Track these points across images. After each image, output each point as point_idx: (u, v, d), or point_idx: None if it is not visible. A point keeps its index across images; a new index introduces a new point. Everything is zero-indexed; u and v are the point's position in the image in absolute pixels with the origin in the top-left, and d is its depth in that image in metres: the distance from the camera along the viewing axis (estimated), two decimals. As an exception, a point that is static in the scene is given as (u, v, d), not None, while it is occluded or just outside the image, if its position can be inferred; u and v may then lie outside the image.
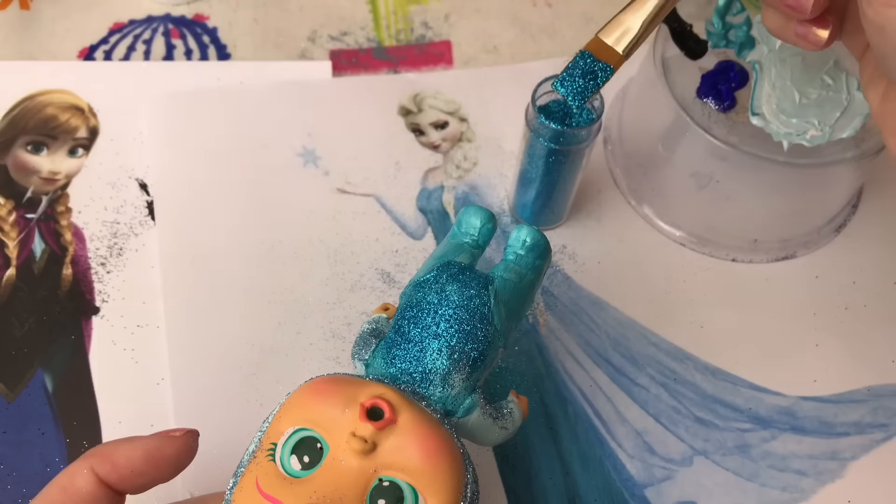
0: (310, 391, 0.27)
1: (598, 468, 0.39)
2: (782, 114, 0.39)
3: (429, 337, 0.29)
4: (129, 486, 0.28)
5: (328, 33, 0.53)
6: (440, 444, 0.26)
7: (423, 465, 0.25)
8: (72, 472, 0.27)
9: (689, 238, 0.45)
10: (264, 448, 0.27)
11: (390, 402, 0.26)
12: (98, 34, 0.52)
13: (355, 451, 0.25)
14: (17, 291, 0.42)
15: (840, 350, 0.43)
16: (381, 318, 0.33)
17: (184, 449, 0.29)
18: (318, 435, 0.26)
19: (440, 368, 0.29)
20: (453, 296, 0.30)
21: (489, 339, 0.30)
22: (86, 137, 0.47)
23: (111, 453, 0.27)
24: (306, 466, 0.25)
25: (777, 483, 0.39)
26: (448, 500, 0.26)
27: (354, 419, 0.25)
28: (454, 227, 0.34)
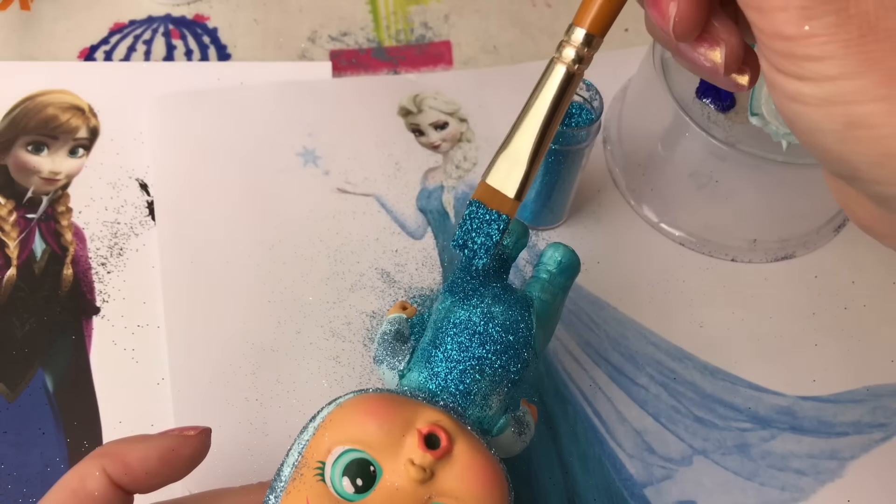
0: (361, 409, 0.27)
1: (597, 467, 0.39)
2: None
3: (471, 358, 0.29)
4: (141, 487, 0.27)
5: (328, 34, 0.53)
6: (494, 474, 0.26)
7: (478, 495, 0.26)
8: (82, 473, 0.26)
9: (688, 238, 0.46)
10: (310, 465, 0.26)
11: (447, 431, 0.26)
12: (98, 34, 0.53)
13: (414, 479, 0.25)
14: (17, 291, 0.42)
15: (839, 350, 0.43)
16: (400, 318, 0.32)
17: (199, 448, 0.28)
18: (371, 458, 0.26)
19: (481, 390, 0.29)
20: (499, 318, 0.30)
21: (528, 362, 0.30)
22: (86, 138, 0.48)
23: (124, 454, 0.27)
24: (359, 490, 0.25)
25: (776, 482, 0.39)
26: None
27: (412, 447, 0.25)
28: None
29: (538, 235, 0.46)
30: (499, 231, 0.29)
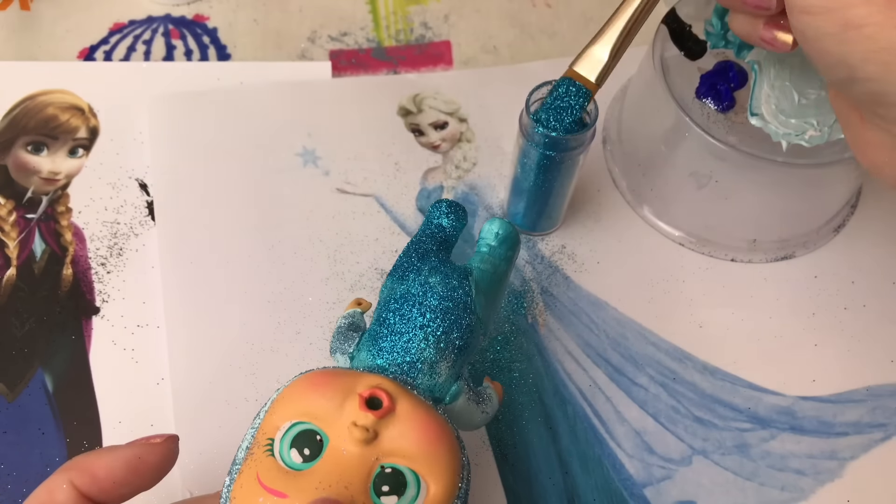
0: (304, 384, 0.27)
1: (597, 468, 0.39)
2: (781, 114, 0.39)
3: (415, 328, 0.30)
4: (111, 498, 0.27)
5: (328, 34, 0.53)
6: (439, 430, 0.27)
7: (424, 451, 0.26)
8: (50, 487, 0.26)
9: (688, 238, 0.46)
10: (261, 444, 0.27)
11: (388, 392, 0.26)
12: (98, 35, 0.53)
13: (357, 440, 0.25)
14: (17, 291, 0.42)
15: (839, 350, 0.43)
16: (356, 312, 0.33)
17: (166, 455, 0.28)
18: (317, 427, 0.26)
19: (427, 358, 0.30)
20: (437, 287, 0.31)
21: (472, 328, 0.31)
22: (86, 138, 0.48)
23: (90, 465, 0.27)
24: (307, 459, 0.26)
25: (776, 482, 0.39)
26: (448, 482, 0.26)
27: (354, 410, 0.26)
28: (424, 222, 0.35)
29: (534, 239, 0.46)
30: (581, 107, 0.35)
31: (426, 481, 0.26)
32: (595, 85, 0.35)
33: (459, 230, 0.35)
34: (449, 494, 0.26)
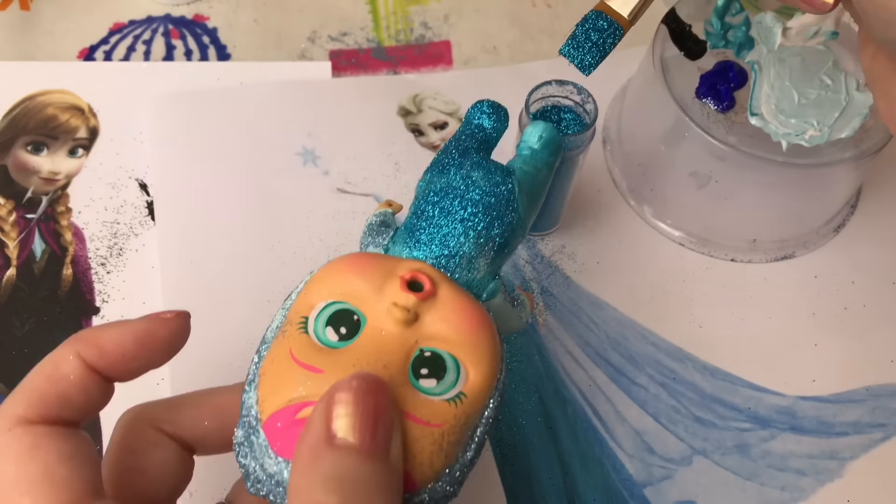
0: (342, 265, 0.26)
1: (597, 468, 0.39)
2: (781, 114, 0.39)
3: (455, 221, 0.28)
4: (119, 372, 0.26)
5: (328, 34, 0.53)
6: (480, 317, 0.26)
7: (464, 337, 0.25)
8: (56, 358, 0.25)
9: (688, 238, 0.46)
10: (293, 322, 0.26)
11: (430, 276, 0.26)
12: (98, 35, 0.53)
13: (397, 320, 0.24)
14: (17, 292, 0.42)
15: (839, 350, 0.43)
16: (387, 211, 0.32)
17: (176, 331, 0.27)
18: (355, 308, 0.25)
19: (466, 252, 0.28)
20: (480, 182, 0.29)
21: (513, 226, 0.29)
22: (86, 138, 0.48)
23: (98, 337, 0.25)
24: (343, 338, 0.25)
25: (776, 482, 0.39)
26: (488, 371, 0.25)
27: (395, 291, 0.25)
28: (461, 126, 0.33)
29: (534, 239, 0.46)
30: (612, 43, 0.31)
31: (466, 367, 0.25)
32: (628, 21, 0.32)
33: (501, 132, 0.33)
34: (488, 383, 0.25)
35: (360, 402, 0.22)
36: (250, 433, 0.24)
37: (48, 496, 0.22)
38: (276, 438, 0.23)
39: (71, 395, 0.24)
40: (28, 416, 0.23)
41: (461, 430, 0.24)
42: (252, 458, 0.24)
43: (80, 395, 0.25)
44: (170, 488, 0.27)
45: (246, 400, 0.25)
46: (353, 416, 0.21)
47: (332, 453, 0.21)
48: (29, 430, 0.23)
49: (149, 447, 0.27)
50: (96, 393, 0.25)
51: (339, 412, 0.21)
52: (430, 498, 0.24)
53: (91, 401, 0.25)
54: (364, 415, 0.21)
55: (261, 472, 0.24)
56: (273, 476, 0.24)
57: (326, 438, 0.21)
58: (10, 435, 0.23)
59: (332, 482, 0.20)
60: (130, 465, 0.26)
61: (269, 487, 0.24)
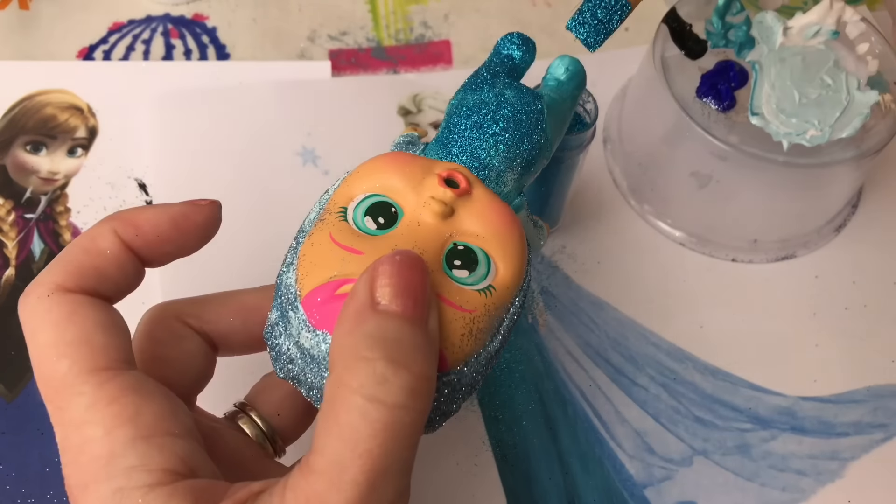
0: (382, 161, 0.27)
1: (597, 468, 0.39)
2: (782, 113, 0.39)
3: (486, 135, 0.29)
4: (154, 254, 0.26)
5: (327, 33, 0.53)
6: (511, 218, 0.27)
7: (496, 234, 0.26)
8: (93, 233, 0.25)
9: (688, 238, 0.45)
10: (332, 211, 0.27)
11: (465, 175, 0.27)
12: (97, 34, 0.52)
13: (434, 212, 0.26)
14: (16, 291, 0.42)
15: (840, 350, 0.43)
16: (412, 134, 0.33)
17: (211, 217, 0.27)
18: (393, 201, 0.27)
19: (496, 166, 0.29)
20: (512, 99, 0.30)
21: (540, 146, 0.30)
22: (85, 137, 0.47)
23: (135, 217, 0.26)
24: (381, 227, 0.26)
25: (777, 483, 0.39)
26: (516, 268, 0.27)
27: (433, 186, 0.26)
28: (490, 56, 0.34)
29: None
30: (619, 20, 0.32)
31: (496, 263, 0.26)
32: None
33: (528, 64, 0.34)
34: (516, 279, 0.27)
35: (402, 273, 0.23)
36: (287, 310, 0.25)
37: (86, 360, 0.23)
38: (314, 312, 0.24)
39: (106, 270, 0.25)
40: (66, 285, 0.24)
41: (489, 319, 0.26)
42: (286, 336, 0.25)
43: (115, 270, 0.25)
44: (192, 381, 0.28)
45: (283, 280, 0.26)
46: (395, 286, 0.22)
47: (376, 317, 0.22)
48: (67, 297, 0.24)
49: (174, 338, 0.28)
50: (130, 271, 0.26)
51: (383, 282, 0.23)
52: (458, 380, 0.25)
53: (125, 279, 0.26)
54: (406, 285, 0.23)
55: (294, 350, 0.25)
56: (308, 351, 0.25)
57: (371, 304, 0.22)
58: (50, 300, 0.23)
59: (377, 340, 0.21)
60: (156, 354, 0.27)
61: (302, 365, 0.25)
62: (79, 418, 0.22)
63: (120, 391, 0.23)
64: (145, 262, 0.26)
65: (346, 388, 0.21)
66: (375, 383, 0.21)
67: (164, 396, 0.24)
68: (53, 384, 0.23)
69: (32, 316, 0.23)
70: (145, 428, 0.22)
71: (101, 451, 0.22)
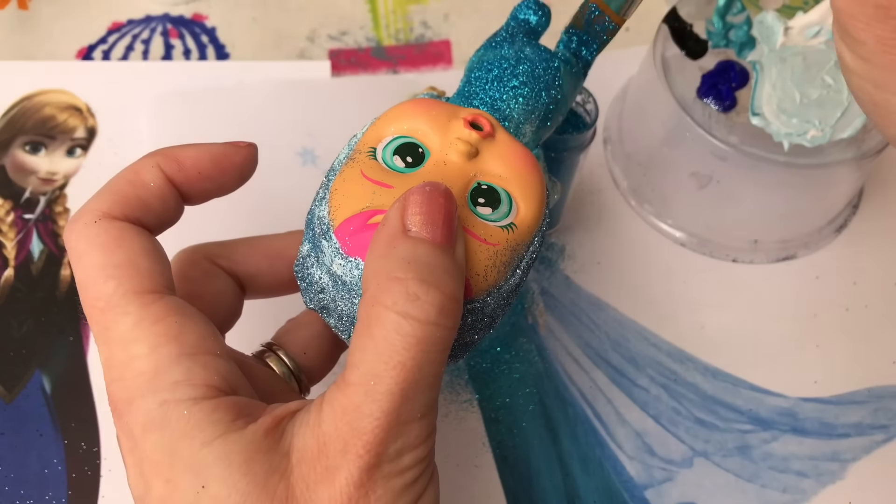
0: (409, 105, 0.29)
1: (597, 469, 0.39)
2: (783, 114, 0.39)
3: (507, 88, 0.30)
4: (194, 190, 0.27)
5: (327, 33, 0.53)
6: (532, 161, 0.28)
7: (518, 175, 0.27)
8: (137, 167, 0.26)
9: (689, 238, 0.45)
10: (362, 151, 0.28)
11: (489, 120, 0.28)
12: (96, 34, 0.52)
13: (460, 152, 0.27)
14: (15, 292, 0.42)
15: (841, 351, 0.42)
16: (433, 93, 0.34)
17: (249, 158, 0.29)
18: (421, 143, 0.28)
19: (516, 118, 0.30)
20: (531, 55, 0.31)
21: (557, 101, 0.31)
22: (84, 137, 0.47)
23: (178, 153, 0.27)
24: (409, 166, 0.27)
25: (778, 484, 0.39)
26: (536, 208, 0.28)
27: (458, 128, 0.27)
28: (507, 20, 0.35)
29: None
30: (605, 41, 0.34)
31: (517, 202, 0.27)
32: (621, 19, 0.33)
33: (545, 28, 0.35)
34: (535, 219, 0.28)
35: (432, 202, 0.24)
36: (320, 240, 0.26)
37: (132, 282, 0.24)
38: (347, 240, 0.25)
39: (150, 201, 0.26)
40: (112, 212, 0.25)
41: (511, 253, 0.27)
42: (318, 265, 0.27)
43: (158, 202, 0.26)
44: (223, 318, 0.30)
45: (315, 213, 0.27)
46: (426, 214, 0.24)
47: (407, 241, 0.23)
48: (114, 223, 0.25)
49: (204, 276, 0.29)
50: (172, 204, 0.27)
51: (413, 210, 0.24)
52: (481, 308, 0.26)
53: (167, 211, 0.27)
54: (435, 213, 0.24)
55: (326, 278, 0.26)
56: (340, 277, 0.26)
57: (402, 230, 0.23)
58: (97, 226, 0.24)
59: (409, 262, 0.22)
60: (187, 290, 0.28)
61: (333, 293, 0.26)
62: (125, 336, 0.23)
63: (164, 312, 0.24)
64: (185, 199, 0.28)
65: (381, 305, 0.22)
66: (408, 300, 0.22)
67: (205, 321, 0.25)
68: (100, 304, 0.24)
69: (80, 240, 0.24)
70: (189, 346, 0.23)
71: (146, 366, 0.23)
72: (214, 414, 0.23)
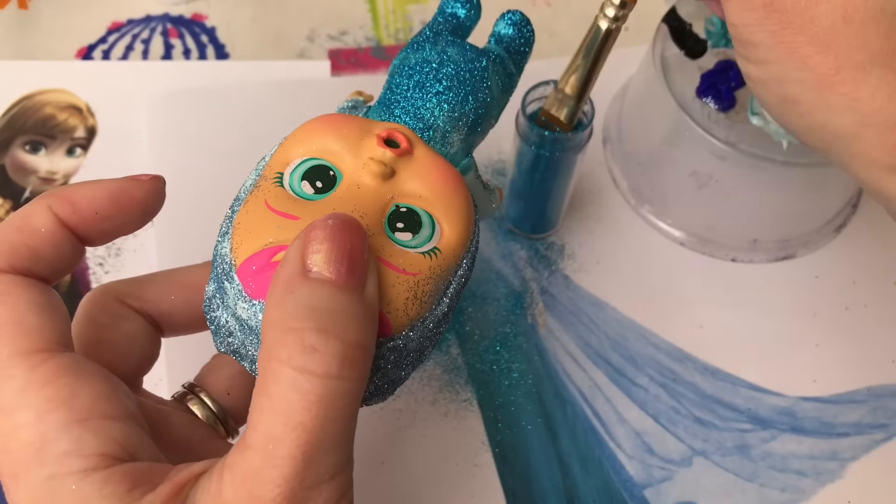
0: (319, 123, 0.26)
1: (597, 469, 0.39)
2: (782, 113, 0.39)
3: (430, 95, 0.28)
4: (93, 232, 0.25)
5: (327, 32, 0.53)
6: (455, 178, 0.26)
7: (439, 194, 0.26)
8: (27, 211, 0.24)
9: (688, 238, 0.45)
10: (268, 177, 0.26)
11: (406, 135, 0.26)
12: (96, 34, 0.52)
13: (374, 173, 0.25)
14: (14, 292, 0.42)
15: (840, 350, 0.42)
16: (358, 99, 0.32)
17: (153, 193, 0.26)
18: (331, 164, 0.26)
19: (441, 126, 0.28)
20: (455, 57, 0.29)
21: (486, 104, 0.30)
22: (84, 137, 0.47)
23: (71, 194, 0.24)
24: (319, 191, 0.25)
25: (777, 483, 0.39)
26: (462, 229, 0.26)
27: (371, 147, 0.25)
28: (434, 15, 0.33)
29: (533, 240, 0.45)
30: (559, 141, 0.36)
31: (440, 224, 0.25)
32: (568, 126, 0.37)
33: (474, 22, 0.33)
34: (462, 240, 0.26)
35: (336, 237, 0.22)
36: (223, 280, 0.24)
37: (16, 342, 0.22)
38: (250, 281, 0.23)
39: (41, 249, 0.24)
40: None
41: (435, 281, 0.25)
42: (224, 307, 0.24)
43: (50, 249, 0.24)
44: (136, 363, 0.27)
45: (219, 251, 0.25)
46: (328, 252, 0.21)
47: (307, 285, 0.21)
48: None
49: (114, 319, 0.27)
50: (68, 250, 0.24)
51: (315, 248, 0.21)
52: (404, 345, 0.24)
53: (62, 258, 0.24)
54: (340, 250, 0.21)
55: (233, 322, 0.24)
56: (246, 322, 0.24)
57: (301, 272, 0.21)
58: None
59: (308, 310, 0.20)
60: (96, 336, 0.26)
61: (241, 337, 0.24)
62: (10, 403, 0.21)
63: (54, 373, 0.21)
64: (84, 241, 0.25)
65: (276, 360, 0.20)
66: (304, 353, 0.20)
67: (103, 378, 0.23)
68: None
69: None
70: (80, 411, 0.21)
71: (32, 436, 0.21)
72: (106, 487, 0.20)
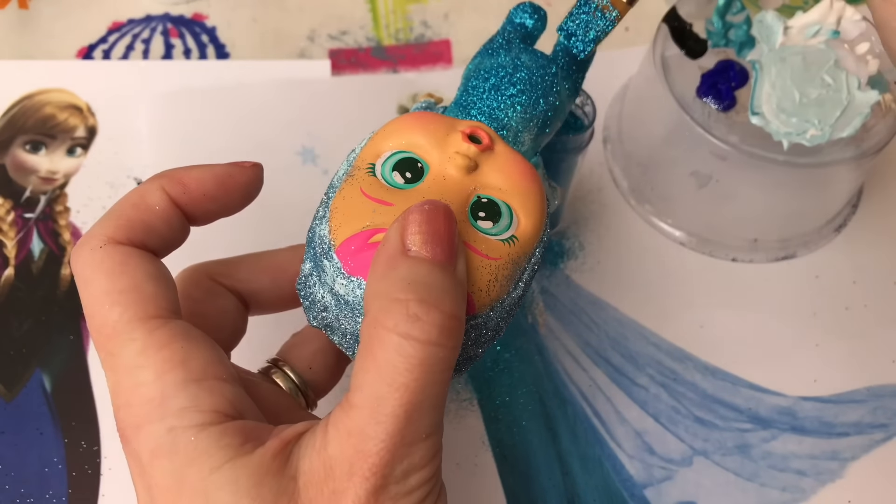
0: (407, 120, 0.28)
1: (597, 468, 0.39)
2: (782, 113, 0.39)
3: (504, 97, 0.30)
4: (199, 211, 0.27)
5: (327, 32, 0.53)
6: (532, 172, 0.28)
7: (518, 188, 0.27)
8: (142, 190, 0.26)
9: (688, 238, 0.45)
10: (361, 167, 0.28)
11: (487, 132, 0.28)
12: (97, 33, 0.52)
13: (459, 166, 0.27)
14: (15, 291, 0.42)
15: (840, 350, 0.42)
16: (430, 100, 0.34)
17: (254, 178, 0.28)
18: (419, 157, 0.28)
19: (514, 126, 0.30)
20: (528, 62, 0.31)
21: (555, 108, 0.31)
22: (84, 137, 0.47)
23: (182, 175, 0.27)
24: (409, 181, 0.27)
25: (777, 483, 0.39)
26: (537, 220, 0.28)
27: (457, 141, 0.27)
28: (504, 24, 0.35)
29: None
30: (608, 25, 0.33)
31: (518, 215, 0.27)
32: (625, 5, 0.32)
33: (541, 31, 0.35)
34: (536, 230, 0.28)
35: (431, 221, 0.24)
36: (321, 260, 0.26)
37: (137, 307, 0.24)
38: (349, 260, 0.25)
39: (155, 225, 0.26)
40: (116, 237, 0.25)
41: (513, 267, 0.27)
42: (321, 284, 0.27)
43: (162, 225, 0.26)
44: (228, 336, 0.30)
45: (317, 232, 0.27)
46: (425, 234, 0.24)
47: (407, 262, 0.23)
48: (119, 248, 0.25)
49: (207, 296, 0.29)
50: (177, 227, 0.27)
51: (413, 230, 0.24)
52: (484, 323, 0.26)
53: (172, 234, 0.27)
54: (435, 232, 0.24)
55: (329, 298, 0.26)
56: (343, 297, 0.26)
57: (402, 251, 0.23)
58: (102, 251, 0.24)
59: (409, 283, 0.22)
60: (191, 310, 0.28)
61: (336, 312, 0.26)
62: (131, 363, 0.23)
63: (170, 337, 0.24)
64: (190, 220, 0.28)
65: (382, 327, 0.22)
66: (409, 321, 0.22)
67: (210, 345, 0.25)
68: (106, 331, 0.24)
69: (86, 266, 0.24)
70: (195, 372, 0.23)
71: (153, 393, 0.23)
72: (222, 439, 0.23)
